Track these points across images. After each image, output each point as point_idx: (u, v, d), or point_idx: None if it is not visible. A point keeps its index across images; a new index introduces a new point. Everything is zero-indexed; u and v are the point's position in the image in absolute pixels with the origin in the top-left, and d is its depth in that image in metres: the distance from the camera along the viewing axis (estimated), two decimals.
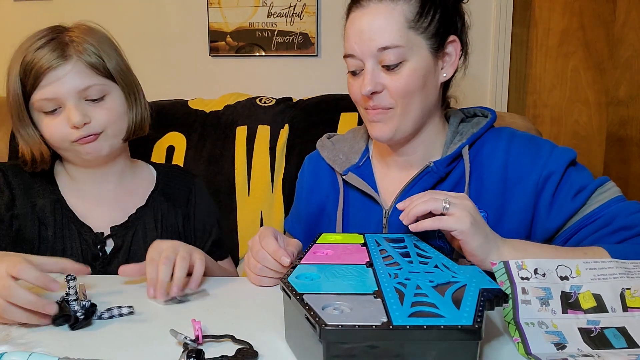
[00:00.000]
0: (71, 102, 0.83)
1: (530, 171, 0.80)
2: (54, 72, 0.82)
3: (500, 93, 1.65)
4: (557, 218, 0.78)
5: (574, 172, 0.80)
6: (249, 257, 0.79)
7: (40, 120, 0.85)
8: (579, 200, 0.77)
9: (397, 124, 0.81)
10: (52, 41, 0.83)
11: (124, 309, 0.66)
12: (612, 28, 1.69)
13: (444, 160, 0.83)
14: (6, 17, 1.77)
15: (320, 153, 0.98)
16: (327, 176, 0.96)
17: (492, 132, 0.86)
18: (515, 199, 0.80)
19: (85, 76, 0.84)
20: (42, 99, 0.83)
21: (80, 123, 0.83)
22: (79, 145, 0.85)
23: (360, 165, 0.92)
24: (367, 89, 0.79)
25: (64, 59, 0.82)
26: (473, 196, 0.81)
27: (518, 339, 0.55)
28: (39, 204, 0.89)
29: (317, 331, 0.45)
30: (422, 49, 0.79)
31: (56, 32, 0.85)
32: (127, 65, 0.92)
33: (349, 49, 0.81)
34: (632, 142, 1.74)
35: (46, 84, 0.82)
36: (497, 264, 0.61)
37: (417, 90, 0.79)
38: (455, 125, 0.88)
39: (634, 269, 0.61)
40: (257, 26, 1.68)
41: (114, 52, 0.89)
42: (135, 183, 0.98)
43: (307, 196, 0.98)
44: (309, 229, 0.97)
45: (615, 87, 1.72)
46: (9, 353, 0.52)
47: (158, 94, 1.49)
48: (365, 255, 0.67)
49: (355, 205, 0.91)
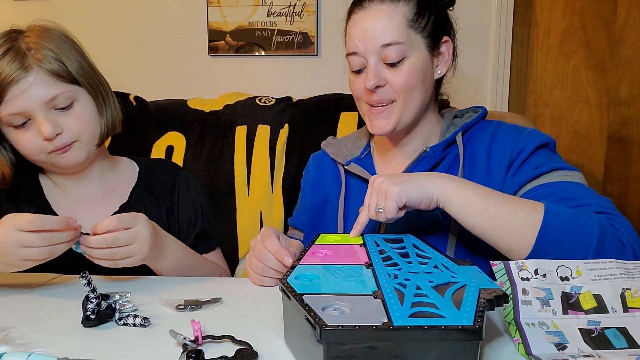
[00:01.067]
0: (40, 115, 0.81)
1: (508, 150, 0.84)
2: (17, 85, 0.79)
3: (500, 93, 1.65)
4: (513, 184, 0.81)
5: (545, 152, 0.83)
6: (250, 256, 0.79)
7: (10, 135, 0.84)
8: (537, 172, 0.79)
9: (398, 117, 0.86)
10: (9, 51, 0.80)
11: (139, 320, 0.63)
12: (613, 27, 1.69)
13: (439, 145, 0.88)
14: (6, 17, 1.77)
15: (325, 149, 1.03)
16: (330, 170, 1.01)
17: (483, 123, 0.92)
18: (495, 176, 0.84)
19: (49, 85, 0.81)
20: (9, 113, 0.81)
21: (52, 135, 0.81)
22: (56, 155, 0.85)
23: (362, 157, 0.97)
24: (372, 83, 0.83)
25: (24, 70, 0.79)
26: (466, 178, 0.84)
27: (519, 340, 0.55)
28: (24, 209, 0.89)
29: (317, 332, 0.45)
30: (420, 47, 0.85)
31: (11, 41, 0.82)
32: (91, 65, 0.89)
33: (352, 47, 0.85)
34: (633, 142, 1.73)
35: (11, 98, 0.80)
36: (497, 265, 0.60)
37: (417, 84, 0.84)
38: (449, 119, 0.94)
39: (635, 269, 0.61)
40: (257, 25, 1.68)
41: (75, 53, 0.86)
42: (118, 180, 0.97)
43: (312, 189, 1.03)
44: (314, 219, 1.00)
45: (616, 87, 1.72)
46: (8, 353, 0.51)
47: (157, 94, 1.49)
48: (365, 255, 0.67)
49: (356, 193, 0.95)
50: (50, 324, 0.64)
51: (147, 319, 0.63)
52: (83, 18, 0.89)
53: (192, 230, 0.99)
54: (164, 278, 0.82)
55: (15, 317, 0.66)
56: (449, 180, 0.73)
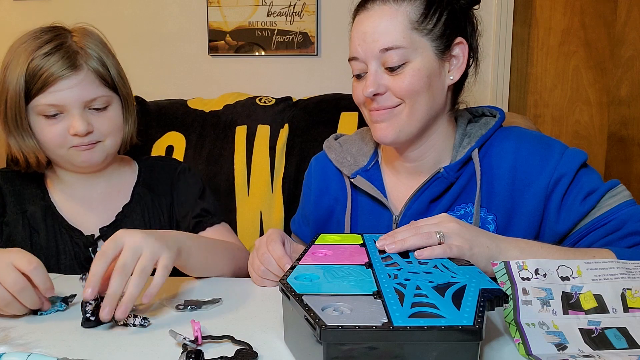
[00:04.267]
0: (76, 112, 0.83)
1: (540, 173, 0.78)
2: (65, 81, 0.82)
3: (501, 92, 1.65)
4: (567, 221, 0.77)
5: (585, 175, 0.78)
6: (253, 256, 0.79)
7: (38, 123, 0.85)
8: (589, 203, 0.76)
9: (401, 124, 0.80)
10: (61, 47, 0.83)
11: (138, 320, 0.62)
12: (613, 27, 1.69)
13: (454, 165, 0.82)
14: (5, 17, 1.77)
15: (328, 155, 0.96)
16: (335, 179, 0.95)
17: (501, 132, 0.84)
18: (525, 201, 0.79)
19: (95, 86, 0.85)
20: (47, 104, 0.82)
21: (83, 132, 0.83)
22: (76, 151, 0.85)
23: (369, 168, 0.91)
24: (369, 91, 0.78)
25: (75, 68, 0.82)
26: (483, 199, 0.81)
27: (519, 340, 0.55)
28: (29, 210, 0.90)
29: (317, 332, 0.45)
30: (426, 51, 0.78)
31: (61, 37, 0.84)
32: (123, 73, 0.92)
33: (353, 51, 0.81)
34: (633, 142, 1.73)
35: (54, 91, 0.82)
36: (497, 264, 0.60)
37: (423, 90, 0.78)
38: (463, 127, 0.87)
39: (635, 269, 0.61)
40: (257, 25, 1.68)
41: (114, 59, 0.90)
42: (123, 181, 0.98)
43: (316, 199, 0.97)
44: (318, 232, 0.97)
45: (616, 87, 1.71)
46: (8, 354, 0.51)
47: (157, 94, 1.49)
48: (364, 255, 0.67)
49: (364, 209, 0.90)
50: (50, 324, 0.64)
51: (147, 319, 0.63)
52: (83, 18, 0.89)
53: (191, 213, 0.97)
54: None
55: (15, 317, 0.66)
56: (519, 252, 0.67)
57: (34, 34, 0.84)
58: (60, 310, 0.68)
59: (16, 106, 0.83)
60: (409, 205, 0.84)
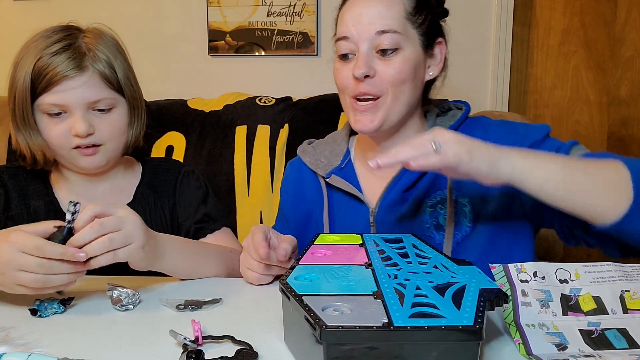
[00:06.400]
0: (78, 112, 0.84)
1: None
2: (70, 81, 0.82)
3: (501, 93, 1.65)
4: None
5: (549, 141, 0.80)
6: (243, 256, 0.80)
7: (42, 121, 0.85)
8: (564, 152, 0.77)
9: (386, 113, 0.81)
10: (70, 47, 0.83)
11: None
12: (613, 27, 1.69)
13: None
14: (6, 17, 1.77)
15: (302, 159, 0.98)
16: (310, 182, 0.96)
17: (468, 122, 0.88)
18: None
19: (98, 89, 0.85)
20: (50, 103, 0.83)
21: (84, 133, 0.83)
22: (78, 154, 0.86)
23: (343, 167, 0.93)
24: (361, 71, 0.78)
25: (80, 69, 0.83)
26: (455, 185, 0.82)
27: (519, 340, 0.55)
28: (33, 205, 0.91)
29: (317, 332, 0.45)
30: (415, 42, 0.82)
31: (72, 38, 0.85)
32: (134, 75, 0.92)
33: (344, 31, 0.81)
34: (633, 142, 1.73)
35: (58, 91, 0.82)
36: (496, 267, 0.61)
37: (408, 80, 0.81)
38: (432, 120, 0.90)
39: (633, 272, 0.61)
40: (257, 25, 1.68)
41: (124, 62, 0.90)
42: (126, 181, 0.98)
43: (293, 204, 0.98)
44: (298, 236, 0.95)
45: (616, 87, 1.71)
46: (8, 354, 0.51)
47: (157, 94, 1.49)
48: (364, 255, 0.67)
49: (341, 207, 0.91)
50: (50, 324, 0.64)
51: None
52: (83, 18, 0.89)
53: (192, 218, 0.98)
54: (164, 278, 0.82)
55: (15, 317, 0.66)
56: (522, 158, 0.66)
57: (46, 32, 0.85)
58: (59, 312, 0.68)
59: (23, 103, 0.84)
60: (384, 197, 0.85)
